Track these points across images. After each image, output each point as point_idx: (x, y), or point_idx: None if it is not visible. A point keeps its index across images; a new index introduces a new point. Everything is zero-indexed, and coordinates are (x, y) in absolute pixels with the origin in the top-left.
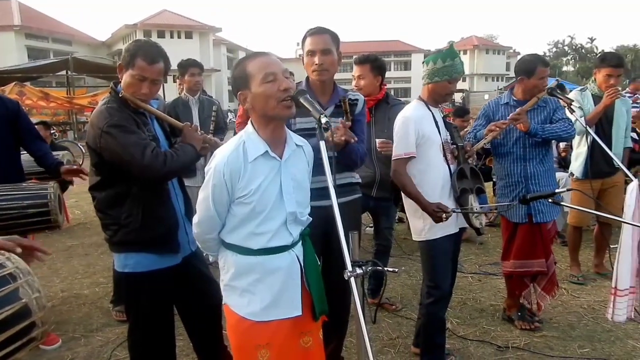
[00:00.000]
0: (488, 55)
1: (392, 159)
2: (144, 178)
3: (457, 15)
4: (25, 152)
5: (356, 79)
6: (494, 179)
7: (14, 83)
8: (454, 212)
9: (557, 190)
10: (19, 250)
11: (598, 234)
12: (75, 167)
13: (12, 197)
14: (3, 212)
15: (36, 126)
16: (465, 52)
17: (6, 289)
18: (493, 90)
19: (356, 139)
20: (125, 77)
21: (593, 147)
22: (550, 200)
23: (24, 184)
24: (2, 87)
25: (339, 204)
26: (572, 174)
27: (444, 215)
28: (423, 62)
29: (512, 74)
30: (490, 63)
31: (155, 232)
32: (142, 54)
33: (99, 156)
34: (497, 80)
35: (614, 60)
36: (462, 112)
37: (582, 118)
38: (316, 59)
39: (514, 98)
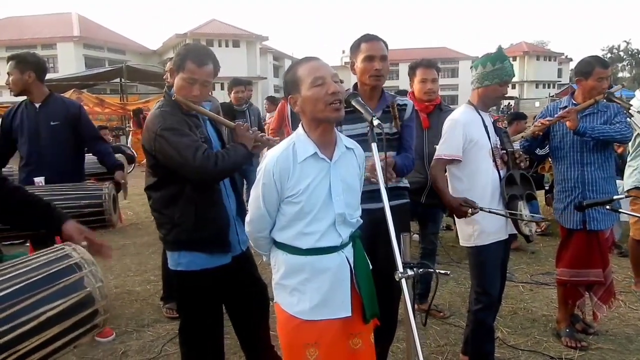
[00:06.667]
0: (539, 61)
1: (434, 157)
2: (197, 179)
3: (506, 21)
4: (88, 153)
5: (430, 83)
6: (546, 187)
7: (72, 90)
8: (481, 210)
9: (615, 197)
10: (84, 243)
11: None
12: (124, 180)
13: (71, 196)
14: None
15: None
16: (514, 59)
17: (72, 277)
18: (544, 97)
19: (395, 176)
20: (177, 81)
21: None
22: (607, 207)
23: (82, 184)
24: (62, 94)
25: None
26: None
27: (469, 211)
28: (471, 67)
29: (564, 80)
30: (540, 70)
31: (207, 232)
32: (191, 57)
33: (154, 158)
34: (548, 87)
35: None
36: (518, 116)
37: None
38: (376, 64)
39: (574, 101)
